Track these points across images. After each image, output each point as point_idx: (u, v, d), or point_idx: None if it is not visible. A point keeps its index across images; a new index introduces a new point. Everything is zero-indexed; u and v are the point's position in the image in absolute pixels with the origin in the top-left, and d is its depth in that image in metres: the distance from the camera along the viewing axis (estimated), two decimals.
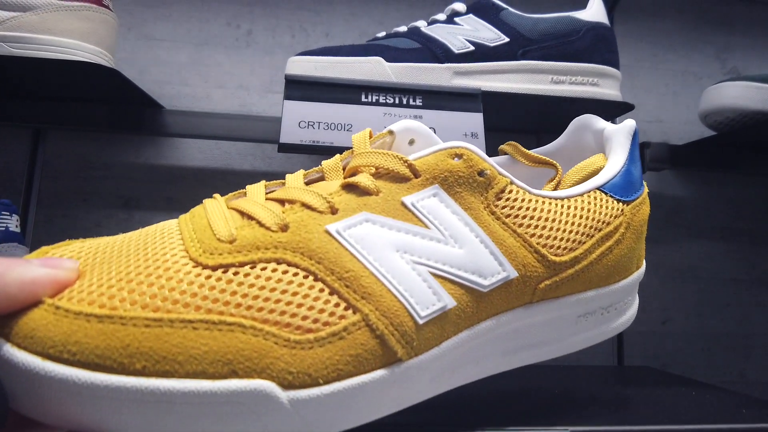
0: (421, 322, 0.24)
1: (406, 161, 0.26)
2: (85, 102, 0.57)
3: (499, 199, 0.27)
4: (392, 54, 0.50)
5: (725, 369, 0.69)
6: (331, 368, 0.22)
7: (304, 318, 0.22)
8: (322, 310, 0.22)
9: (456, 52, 0.50)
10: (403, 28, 0.54)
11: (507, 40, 0.51)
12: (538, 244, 0.27)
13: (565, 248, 0.28)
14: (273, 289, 0.22)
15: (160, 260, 0.22)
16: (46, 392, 0.19)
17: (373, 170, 0.26)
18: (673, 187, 0.71)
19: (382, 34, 0.54)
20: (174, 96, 0.65)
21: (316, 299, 0.22)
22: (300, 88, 0.46)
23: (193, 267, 0.22)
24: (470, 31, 0.51)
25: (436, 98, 0.47)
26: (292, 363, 0.21)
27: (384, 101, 0.46)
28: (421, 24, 0.53)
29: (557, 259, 0.28)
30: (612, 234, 0.30)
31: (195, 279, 0.21)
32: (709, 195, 0.72)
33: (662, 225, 0.70)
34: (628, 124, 0.33)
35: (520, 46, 0.51)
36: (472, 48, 0.50)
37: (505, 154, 0.35)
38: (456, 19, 0.53)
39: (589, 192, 0.30)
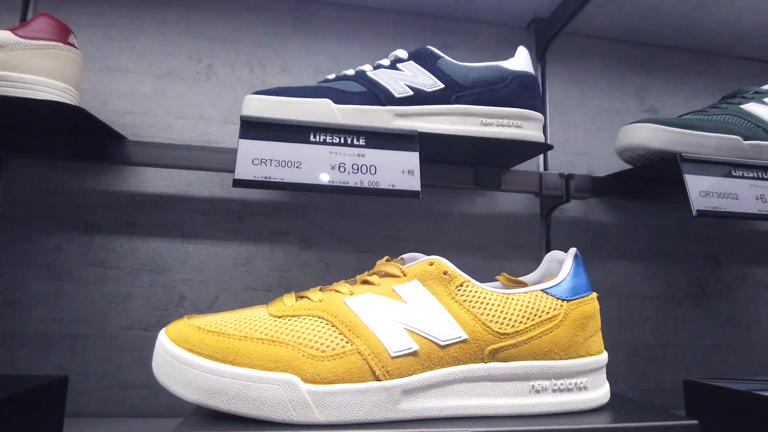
0: (393, 355, 0.35)
1: (400, 268, 0.40)
2: (49, 133, 0.60)
3: (458, 289, 0.38)
4: (340, 96, 0.55)
5: (644, 378, 0.77)
6: (333, 374, 0.34)
7: (321, 344, 0.35)
8: (332, 341, 0.36)
9: (397, 96, 0.56)
10: (351, 72, 0.59)
11: (443, 86, 0.57)
12: (485, 319, 0.37)
13: (508, 324, 0.38)
14: (307, 328, 0.36)
15: (253, 314, 0.38)
16: (185, 371, 0.34)
17: (383, 273, 0.40)
18: (597, 213, 0.79)
19: (332, 76, 0.60)
20: (137, 126, 0.68)
21: (329, 335, 0.36)
22: (254, 128, 0.51)
23: (268, 316, 0.38)
24: (410, 76, 0.58)
25: (378, 138, 0.52)
26: (310, 368, 0.34)
27: (330, 141, 0.51)
28: (368, 68, 0.59)
29: (501, 330, 0.37)
30: (551, 320, 0.38)
31: (267, 321, 0.37)
32: (629, 221, 0.80)
33: (588, 247, 0.78)
34: (571, 251, 0.45)
35: (454, 92, 0.57)
36: (411, 93, 0.57)
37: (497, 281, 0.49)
38: (398, 65, 0.59)
39: (533, 292, 0.40)
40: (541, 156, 0.77)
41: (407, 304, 0.37)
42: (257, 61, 0.73)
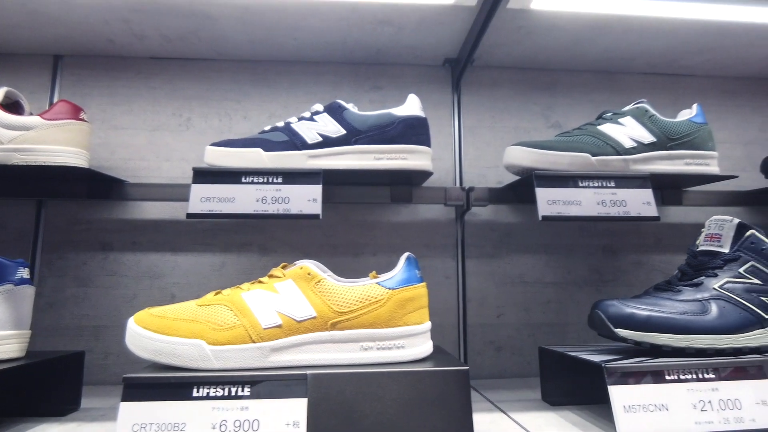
0: (264, 327, 0.54)
1: (282, 272, 0.58)
2: (71, 182, 0.84)
3: (317, 284, 0.58)
4: (268, 145, 0.76)
5: None
6: (226, 339, 0.55)
7: (221, 322, 0.56)
8: (228, 320, 0.56)
9: (309, 142, 0.76)
10: (281, 123, 0.80)
11: (345, 132, 0.77)
12: (330, 303, 0.57)
13: (346, 306, 0.57)
14: (214, 312, 0.57)
15: (187, 305, 0.59)
16: (139, 339, 0.55)
17: (271, 275, 0.60)
18: (506, 216, 0.96)
19: (268, 128, 0.80)
20: (136, 168, 0.91)
21: (227, 316, 0.56)
22: (203, 175, 0.72)
23: (194, 306, 0.58)
24: (321, 126, 0.77)
25: (292, 176, 0.73)
26: (212, 336, 0.55)
27: (257, 181, 0.72)
28: (293, 120, 0.79)
29: (340, 309, 0.56)
30: (377, 302, 0.57)
31: (192, 308, 0.58)
32: (534, 220, 0.96)
33: (497, 244, 0.95)
34: (404, 256, 0.63)
35: (354, 135, 0.77)
36: (320, 139, 0.76)
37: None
38: (315, 117, 0.79)
39: (370, 284, 0.59)
40: (456, 171, 0.96)
41: (280, 294, 0.57)
42: (224, 112, 0.95)
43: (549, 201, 0.75)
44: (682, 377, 0.55)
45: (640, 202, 0.76)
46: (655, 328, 0.58)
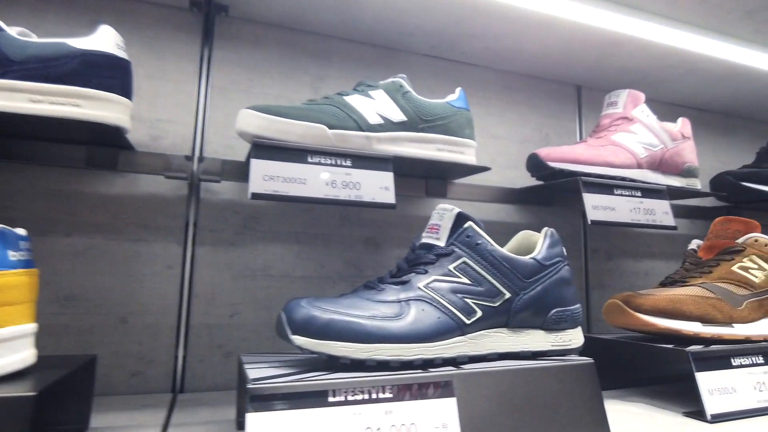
0: None
1: None
2: None
3: None
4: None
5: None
6: None
7: None
8: None
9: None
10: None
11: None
12: None
13: None
14: None
15: None
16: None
17: None
18: None
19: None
20: None
21: None
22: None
23: None
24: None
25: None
26: None
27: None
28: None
29: None
30: None
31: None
32: (286, 205, 0.83)
33: (240, 230, 0.80)
34: None
35: (5, 68, 0.56)
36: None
37: None
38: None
39: None
40: (197, 138, 0.79)
41: None
42: None
43: (266, 177, 0.61)
44: (350, 399, 0.44)
45: (377, 186, 0.66)
46: (333, 335, 0.47)
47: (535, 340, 0.56)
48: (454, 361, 0.51)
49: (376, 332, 0.47)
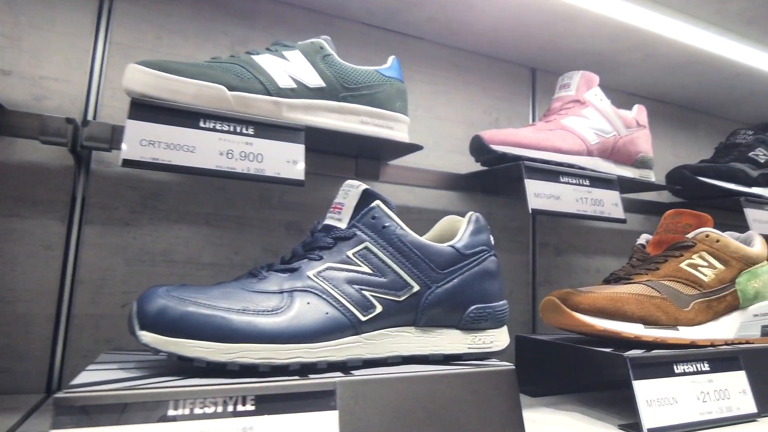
0: None
1: None
2: None
3: None
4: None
5: None
6: None
7: None
8: None
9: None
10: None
11: None
12: None
13: None
14: None
15: None
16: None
17: None
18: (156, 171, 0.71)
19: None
20: None
21: None
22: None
23: None
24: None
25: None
26: None
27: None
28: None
29: None
30: None
31: None
32: (196, 182, 0.73)
33: (138, 208, 0.70)
34: None
35: None
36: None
37: None
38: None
39: None
40: (90, 101, 0.68)
41: None
42: None
43: (144, 141, 0.52)
44: (197, 412, 0.35)
45: (283, 159, 0.57)
46: (188, 331, 0.38)
47: (449, 341, 0.48)
48: (345, 366, 0.43)
49: (243, 329, 0.38)
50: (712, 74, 1.03)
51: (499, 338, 0.50)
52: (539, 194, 0.72)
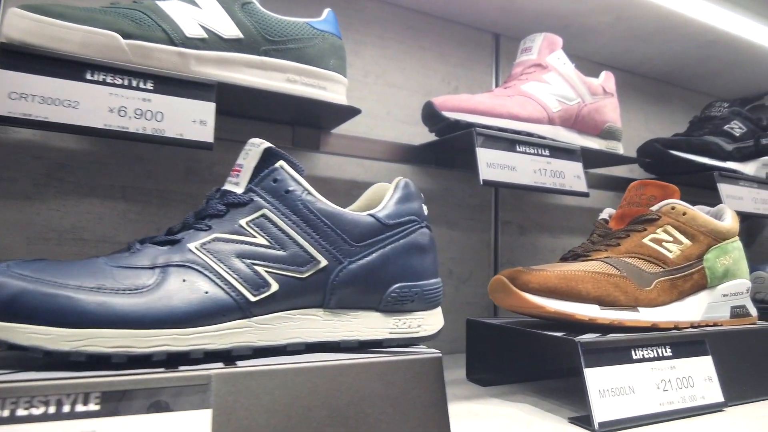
0: None
1: None
2: None
3: None
4: None
5: None
6: None
7: None
8: None
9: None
10: None
11: None
12: None
13: None
14: None
15: None
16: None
17: None
18: (62, 139, 0.63)
19: None
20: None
21: None
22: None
23: None
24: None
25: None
26: None
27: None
28: None
29: None
30: None
31: None
32: (113, 149, 0.65)
33: (42, 180, 0.62)
34: None
35: None
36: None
37: None
38: None
39: None
40: None
41: None
42: None
43: (14, 94, 0.44)
44: (21, 414, 0.28)
45: (188, 119, 0.50)
46: (23, 314, 0.30)
47: (366, 325, 0.41)
48: (229, 356, 0.36)
49: (93, 311, 0.31)
50: (687, 42, 0.97)
51: (428, 321, 0.44)
52: (492, 164, 0.65)
